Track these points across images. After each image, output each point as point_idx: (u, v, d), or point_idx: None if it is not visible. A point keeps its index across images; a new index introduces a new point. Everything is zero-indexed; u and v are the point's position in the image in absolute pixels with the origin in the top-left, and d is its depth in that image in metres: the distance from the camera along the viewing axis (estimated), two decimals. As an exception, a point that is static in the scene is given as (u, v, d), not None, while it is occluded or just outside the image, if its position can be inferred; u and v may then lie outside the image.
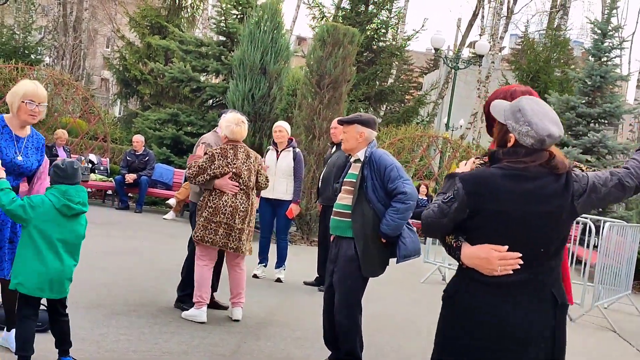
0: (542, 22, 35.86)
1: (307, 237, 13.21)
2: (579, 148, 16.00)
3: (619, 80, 18.10)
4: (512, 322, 3.01)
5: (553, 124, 3.01)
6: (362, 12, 22.38)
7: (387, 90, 22.63)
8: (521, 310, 3.01)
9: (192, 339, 5.97)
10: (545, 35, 28.62)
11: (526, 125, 2.99)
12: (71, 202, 4.56)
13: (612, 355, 7.75)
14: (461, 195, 3.03)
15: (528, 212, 2.99)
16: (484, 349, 3.04)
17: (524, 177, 3.00)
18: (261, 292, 8.25)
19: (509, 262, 2.99)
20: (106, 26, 41.82)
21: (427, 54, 49.42)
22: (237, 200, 6.53)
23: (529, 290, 3.03)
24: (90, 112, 17.92)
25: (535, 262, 3.02)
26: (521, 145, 3.03)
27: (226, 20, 18.73)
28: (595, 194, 3.03)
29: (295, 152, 9.21)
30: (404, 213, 5.24)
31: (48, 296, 4.62)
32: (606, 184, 3.03)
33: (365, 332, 5.64)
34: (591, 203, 3.07)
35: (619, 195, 3.08)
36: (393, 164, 5.36)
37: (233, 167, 6.53)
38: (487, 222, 3.05)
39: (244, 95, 14.87)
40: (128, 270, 8.45)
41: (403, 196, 5.24)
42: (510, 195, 2.99)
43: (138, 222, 13.23)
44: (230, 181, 6.52)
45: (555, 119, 3.04)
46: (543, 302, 3.04)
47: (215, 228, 6.46)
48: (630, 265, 10.52)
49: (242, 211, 6.55)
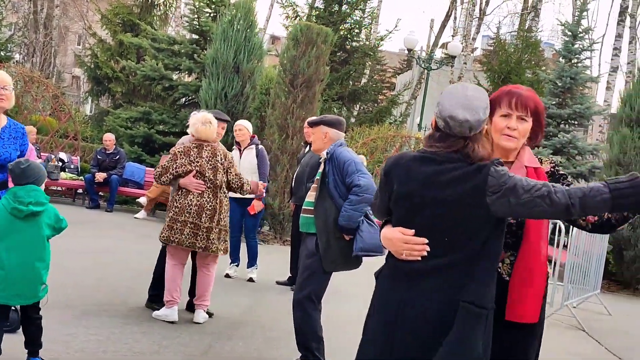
0: (513, 24, 36.14)
1: (280, 236, 13.19)
2: (549, 149, 16.13)
3: (589, 82, 18.24)
4: (410, 310, 2.99)
5: (462, 108, 2.94)
6: (335, 12, 22.37)
7: (360, 90, 22.65)
8: (422, 300, 2.97)
9: (163, 339, 5.94)
10: (516, 36, 28.81)
11: (438, 106, 3.01)
12: (21, 204, 4.45)
13: (581, 353, 7.83)
14: (381, 176, 3.10)
15: (426, 196, 2.97)
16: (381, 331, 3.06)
17: (432, 160, 2.98)
18: (233, 292, 8.23)
19: (414, 247, 2.98)
20: (77, 23, 41.38)
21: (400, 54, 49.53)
22: (203, 199, 6.48)
23: (435, 281, 2.98)
24: (61, 110, 17.72)
25: (441, 252, 2.96)
26: (438, 129, 3.03)
27: (199, 18, 18.63)
28: (515, 197, 2.84)
29: (258, 149, 9.24)
30: (357, 205, 5.28)
31: (18, 303, 4.56)
32: (531, 191, 2.83)
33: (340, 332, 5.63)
34: (509, 205, 2.86)
35: (545, 209, 2.82)
36: (351, 159, 5.42)
37: (196, 165, 6.50)
38: (397, 205, 3.07)
39: (216, 94, 14.80)
40: (98, 270, 8.38)
41: (357, 189, 5.30)
42: (413, 178, 3.00)
43: (109, 221, 13.12)
44: (195, 179, 6.48)
45: (467, 105, 2.95)
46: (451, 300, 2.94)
47: (181, 228, 6.41)
48: (599, 265, 10.64)
49: (209, 209, 6.48)
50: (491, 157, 2.98)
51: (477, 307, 2.93)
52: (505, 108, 3.23)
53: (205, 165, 6.52)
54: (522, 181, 2.87)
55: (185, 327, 6.42)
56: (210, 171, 6.53)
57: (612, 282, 13.35)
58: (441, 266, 2.98)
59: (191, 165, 6.50)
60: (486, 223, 2.94)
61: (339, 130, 5.66)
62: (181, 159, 6.51)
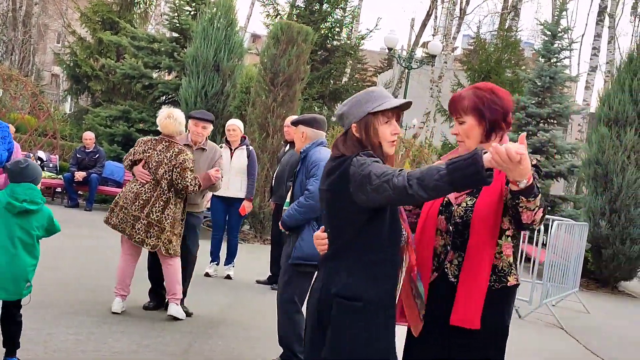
0: (493, 23, 36.45)
1: (260, 235, 13.18)
2: (529, 148, 16.19)
3: (568, 81, 18.37)
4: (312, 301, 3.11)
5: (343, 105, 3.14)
6: (316, 11, 22.37)
7: (341, 89, 22.64)
8: (310, 294, 3.16)
9: (142, 338, 5.91)
10: (496, 36, 28.96)
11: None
12: (16, 200, 4.50)
13: (559, 351, 7.88)
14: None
15: (320, 190, 3.14)
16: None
17: (331, 157, 3.12)
18: (213, 290, 8.20)
19: (318, 242, 3.13)
20: (57, 21, 41.06)
21: (381, 53, 49.64)
22: (142, 188, 6.56)
23: (320, 274, 3.12)
24: (40, 108, 17.58)
25: (329, 244, 3.08)
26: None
27: (179, 16, 18.58)
28: (369, 184, 2.81)
29: (249, 149, 9.24)
30: (302, 208, 5.28)
31: (1, 297, 4.53)
32: (381, 177, 2.77)
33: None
34: (366, 192, 2.83)
35: (389, 194, 2.73)
36: (317, 162, 5.32)
37: (145, 155, 6.62)
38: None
39: (196, 92, 14.76)
40: (77, 269, 8.33)
41: (307, 192, 5.32)
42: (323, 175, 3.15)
43: (88, 220, 13.04)
44: (142, 169, 6.60)
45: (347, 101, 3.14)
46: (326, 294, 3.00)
47: (117, 212, 6.56)
48: (578, 263, 10.71)
49: (143, 199, 6.51)
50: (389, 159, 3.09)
51: (349, 300, 2.92)
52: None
53: (153, 157, 6.61)
54: (377, 168, 2.83)
55: (165, 326, 6.40)
56: (155, 164, 6.58)
57: (591, 280, 13.45)
58: (326, 257, 3.07)
59: (142, 155, 6.64)
60: (359, 213, 2.94)
61: (317, 129, 5.62)
62: (139, 147, 6.69)
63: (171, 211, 6.55)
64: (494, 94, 3.13)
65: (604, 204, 13.01)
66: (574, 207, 16.95)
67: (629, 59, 13.69)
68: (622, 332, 9.52)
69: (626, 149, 12.90)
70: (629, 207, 12.74)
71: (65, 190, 14.96)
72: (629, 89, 13.17)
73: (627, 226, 12.77)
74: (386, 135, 3.05)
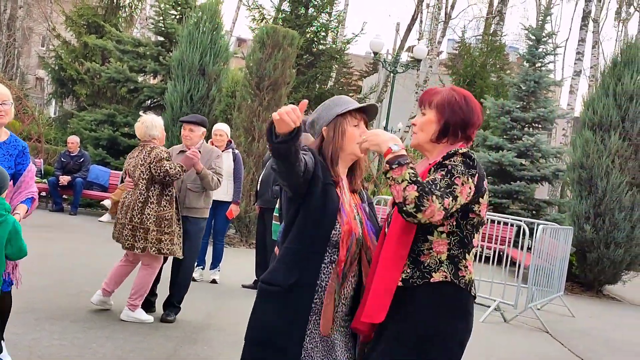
0: (478, 28, 36.57)
1: (245, 239, 13.16)
2: (513, 152, 16.30)
3: (553, 86, 18.50)
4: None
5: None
6: (302, 15, 22.36)
7: (327, 93, 22.62)
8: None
9: (126, 343, 5.88)
10: (481, 40, 29.09)
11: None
12: None
13: (545, 355, 7.90)
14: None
15: None
16: None
17: None
18: (198, 295, 8.17)
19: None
20: (41, 24, 40.79)
21: (366, 57, 49.65)
22: (127, 196, 6.68)
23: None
24: (24, 112, 17.50)
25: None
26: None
27: (164, 20, 18.53)
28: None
29: (235, 153, 9.27)
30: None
31: None
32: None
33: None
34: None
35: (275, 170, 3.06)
36: None
37: (128, 165, 6.78)
38: None
39: (182, 96, 14.74)
40: (62, 274, 8.28)
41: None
42: None
43: (73, 224, 12.98)
44: (128, 179, 6.75)
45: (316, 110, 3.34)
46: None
47: (116, 224, 6.69)
48: (563, 267, 10.75)
49: (126, 206, 6.58)
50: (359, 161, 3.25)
51: (264, 283, 3.12)
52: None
53: (132, 163, 6.71)
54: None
55: (150, 331, 6.37)
56: (133, 168, 6.67)
57: (576, 284, 13.50)
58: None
59: (127, 166, 6.79)
60: (289, 203, 3.14)
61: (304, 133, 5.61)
62: (126, 161, 6.91)
63: (152, 210, 6.49)
64: (464, 99, 3.06)
65: (589, 208, 13.07)
66: (559, 211, 17.05)
67: (613, 64, 13.78)
68: (607, 335, 9.58)
69: (610, 153, 12.97)
70: (614, 211, 12.80)
71: (50, 194, 14.89)
72: (613, 94, 13.25)
73: (612, 230, 12.82)
74: (355, 136, 3.16)
